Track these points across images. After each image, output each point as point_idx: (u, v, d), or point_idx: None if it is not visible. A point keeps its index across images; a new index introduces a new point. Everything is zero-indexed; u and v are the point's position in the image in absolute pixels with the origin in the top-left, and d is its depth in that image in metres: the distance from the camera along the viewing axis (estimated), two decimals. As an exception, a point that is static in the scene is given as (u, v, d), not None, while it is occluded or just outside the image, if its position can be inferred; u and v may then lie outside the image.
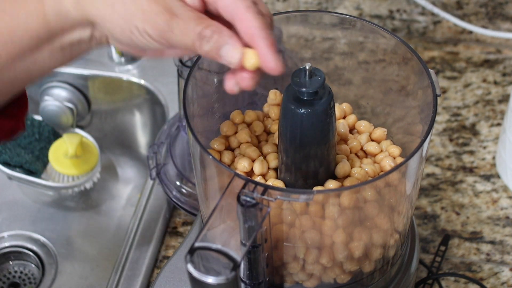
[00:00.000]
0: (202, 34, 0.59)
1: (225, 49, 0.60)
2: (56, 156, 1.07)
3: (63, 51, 0.64)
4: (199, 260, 0.61)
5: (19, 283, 1.05)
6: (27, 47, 0.62)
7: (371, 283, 0.76)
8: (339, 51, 0.81)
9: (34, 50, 0.63)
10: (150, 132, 1.17)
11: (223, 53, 0.60)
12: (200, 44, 0.59)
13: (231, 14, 0.60)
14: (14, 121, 0.69)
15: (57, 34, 0.62)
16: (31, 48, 0.62)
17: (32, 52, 0.63)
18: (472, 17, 1.20)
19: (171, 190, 0.97)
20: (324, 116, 0.68)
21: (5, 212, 1.10)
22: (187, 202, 0.96)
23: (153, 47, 0.61)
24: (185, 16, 0.59)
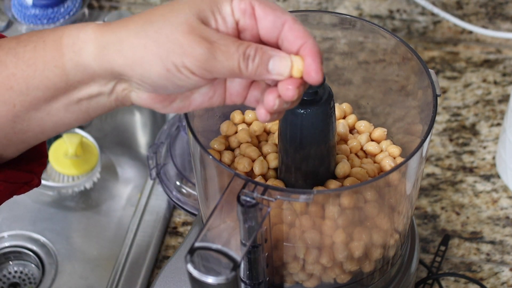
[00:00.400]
0: (247, 54, 0.57)
1: (273, 62, 0.58)
2: (56, 156, 1.07)
3: (80, 104, 0.61)
4: (199, 260, 0.61)
5: (19, 283, 1.05)
6: (42, 98, 0.60)
7: (371, 283, 0.76)
8: (339, 51, 0.81)
9: (50, 101, 0.60)
10: (150, 132, 1.17)
11: (272, 66, 0.58)
12: (246, 64, 0.58)
13: (277, 28, 0.59)
14: (29, 175, 0.67)
15: (75, 86, 0.60)
16: (47, 98, 0.60)
17: (47, 103, 0.60)
18: (472, 17, 1.20)
19: (171, 190, 0.97)
20: (324, 116, 0.68)
21: (5, 212, 1.10)
22: (187, 202, 0.96)
23: (189, 85, 0.58)
24: (223, 41, 0.57)
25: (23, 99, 0.60)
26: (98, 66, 0.58)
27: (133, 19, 0.59)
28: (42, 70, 0.59)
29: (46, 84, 0.59)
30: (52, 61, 0.59)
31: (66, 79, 0.59)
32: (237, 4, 0.59)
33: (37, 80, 0.59)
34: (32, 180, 0.68)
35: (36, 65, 0.59)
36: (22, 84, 0.59)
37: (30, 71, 0.59)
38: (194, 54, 0.56)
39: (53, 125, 0.62)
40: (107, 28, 0.59)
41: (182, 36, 0.56)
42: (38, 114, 0.61)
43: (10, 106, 0.60)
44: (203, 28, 0.57)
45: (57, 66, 0.59)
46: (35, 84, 0.59)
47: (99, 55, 0.58)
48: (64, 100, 0.61)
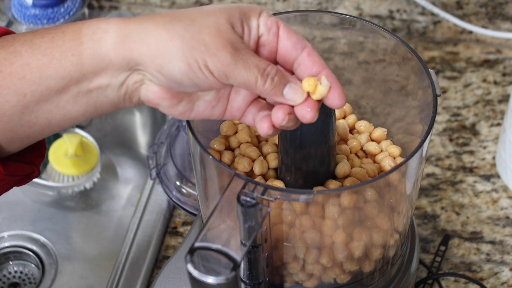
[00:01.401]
0: (267, 71, 0.59)
1: (289, 87, 0.60)
2: (56, 156, 1.07)
3: (89, 97, 0.61)
4: (199, 260, 0.61)
5: (19, 283, 1.05)
6: (54, 88, 0.60)
7: (371, 283, 0.76)
8: (339, 51, 0.81)
9: (61, 91, 0.60)
10: (150, 132, 1.17)
11: (287, 91, 0.60)
12: (263, 81, 0.59)
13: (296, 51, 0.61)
14: (30, 166, 0.67)
15: (88, 77, 0.60)
16: (59, 89, 0.60)
17: (58, 93, 0.60)
18: (472, 17, 1.20)
19: (171, 190, 0.97)
20: (324, 116, 0.68)
21: (5, 212, 1.10)
22: (187, 202, 0.96)
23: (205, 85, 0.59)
24: (248, 52, 0.59)
25: (34, 89, 0.60)
26: (116, 54, 0.59)
27: (161, 14, 0.59)
28: (59, 59, 0.59)
29: (61, 74, 0.59)
30: (70, 50, 0.59)
31: (80, 69, 0.59)
32: (264, 19, 0.61)
33: (52, 69, 0.59)
34: (33, 172, 0.68)
35: (53, 54, 0.59)
36: (35, 73, 0.59)
37: (46, 60, 0.59)
38: (217, 55, 0.57)
39: (61, 119, 0.62)
40: (132, 20, 0.59)
41: (209, 37, 0.57)
42: (47, 106, 0.61)
43: (21, 96, 0.60)
44: (232, 33, 0.58)
45: (74, 54, 0.59)
46: (49, 73, 0.59)
47: (120, 43, 0.58)
48: (74, 91, 0.60)
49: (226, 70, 0.58)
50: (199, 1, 1.25)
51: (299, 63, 0.61)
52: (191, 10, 0.59)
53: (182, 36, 0.57)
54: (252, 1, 1.24)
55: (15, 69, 0.59)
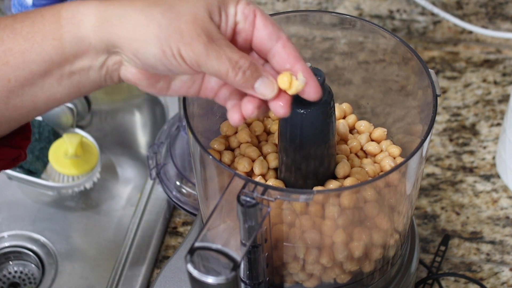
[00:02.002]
0: (239, 64, 0.59)
1: (260, 81, 0.60)
2: (56, 156, 1.07)
3: (72, 78, 0.62)
4: (199, 260, 0.61)
5: (19, 283, 1.05)
6: (37, 72, 0.61)
7: (371, 283, 0.76)
8: (339, 51, 0.81)
9: (44, 75, 0.61)
10: (150, 132, 1.17)
11: (258, 85, 0.60)
12: (235, 73, 0.59)
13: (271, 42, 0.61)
14: (17, 150, 0.68)
15: (69, 60, 0.61)
16: (42, 73, 0.61)
17: (41, 77, 0.61)
18: (472, 17, 1.20)
19: (171, 190, 0.97)
20: (324, 116, 0.68)
21: (5, 212, 1.10)
22: (187, 202, 0.96)
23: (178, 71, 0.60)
24: (223, 43, 0.59)
25: (18, 73, 0.60)
26: (96, 37, 0.60)
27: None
28: (40, 43, 0.60)
29: (43, 57, 0.60)
30: (50, 34, 0.60)
31: (62, 52, 0.60)
32: (241, 7, 0.61)
33: (34, 54, 0.60)
34: (19, 156, 0.69)
35: (34, 39, 0.60)
36: (18, 58, 0.60)
37: (27, 45, 0.60)
38: (191, 44, 0.58)
39: (46, 101, 0.63)
40: (111, 3, 0.60)
41: (185, 25, 0.58)
42: (32, 89, 0.62)
43: (5, 81, 0.61)
44: (208, 22, 0.59)
45: (55, 38, 0.60)
46: (31, 58, 0.60)
47: (100, 26, 0.59)
48: (58, 74, 0.61)
49: (198, 59, 0.59)
50: (199, 1, 1.25)
51: (274, 54, 0.61)
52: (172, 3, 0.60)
53: (159, 22, 0.58)
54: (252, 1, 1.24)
55: None
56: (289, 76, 0.61)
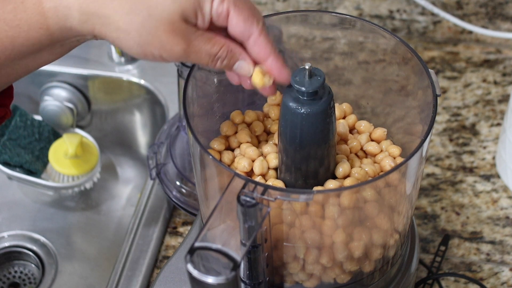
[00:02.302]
0: (218, 55, 0.65)
1: (237, 64, 0.67)
2: (56, 156, 1.07)
3: (63, 48, 0.66)
4: (199, 260, 0.61)
5: (19, 283, 1.05)
6: (27, 51, 0.64)
7: (371, 283, 0.76)
8: (339, 51, 0.81)
9: (35, 52, 0.65)
10: (150, 132, 1.17)
11: (235, 68, 0.67)
12: (214, 63, 0.66)
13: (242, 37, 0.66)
14: (3, 109, 0.70)
15: (58, 41, 0.65)
16: (32, 51, 0.64)
17: (32, 54, 0.65)
18: (472, 17, 1.20)
19: (171, 190, 0.97)
20: (324, 116, 0.68)
21: (5, 212, 1.10)
22: (187, 202, 0.96)
23: None
24: (200, 41, 0.64)
25: (8, 53, 0.64)
26: (82, 28, 0.64)
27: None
28: (27, 31, 0.63)
29: (32, 42, 0.64)
30: (36, 24, 0.63)
31: (50, 38, 0.64)
32: (216, 5, 0.64)
33: (21, 39, 0.64)
34: (5, 114, 0.71)
35: (20, 27, 0.63)
36: (7, 42, 0.63)
37: (14, 32, 0.63)
38: (172, 51, 0.63)
39: (38, 66, 0.67)
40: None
41: (163, 34, 0.62)
42: (24, 61, 0.65)
43: None
44: (185, 27, 0.63)
45: (42, 28, 0.63)
46: (20, 42, 0.64)
47: (85, 22, 0.63)
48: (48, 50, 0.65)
49: (179, 59, 0.65)
50: (199, 1, 1.25)
51: (247, 48, 0.67)
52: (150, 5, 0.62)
53: (139, 32, 0.62)
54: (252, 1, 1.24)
55: None
56: (259, 74, 0.67)
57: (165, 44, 0.63)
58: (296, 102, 0.67)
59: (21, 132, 1.08)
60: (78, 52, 1.16)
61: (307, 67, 0.66)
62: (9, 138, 1.07)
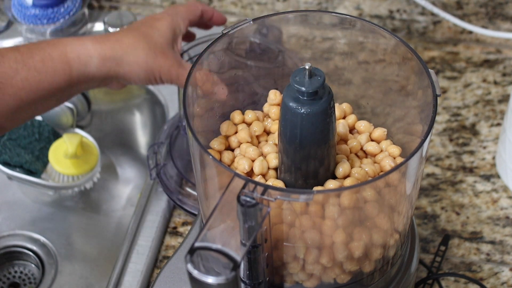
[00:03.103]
0: None
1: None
2: (56, 156, 1.07)
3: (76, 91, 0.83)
4: (199, 260, 0.61)
5: (19, 283, 1.05)
6: (47, 94, 0.79)
7: (371, 283, 0.76)
8: (339, 51, 0.81)
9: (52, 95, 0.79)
10: (150, 132, 1.17)
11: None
12: None
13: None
14: None
15: (76, 85, 0.80)
16: (50, 94, 0.79)
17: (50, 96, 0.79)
18: (472, 17, 1.20)
19: (172, 190, 0.97)
20: (324, 116, 0.68)
21: (5, 212, 1.10)
22: (187, 202, 0.96)
23: None
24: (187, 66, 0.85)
25: (31, 96, 0.77)
26: (99, 72, 0.81)
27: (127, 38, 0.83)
28: (52, 76, 0.78)
29: (54, 86, 0.78)
30: (61, 70, 0.79)
31: (70, 83, 0.79)
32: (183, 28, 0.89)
33: (46, 83, 0.78)
34: None
35: (47, 73, 0.78)
36: (33, 85, 0.77)
37: (41, 76, 0.77)
38: (169, 72, 0.84)
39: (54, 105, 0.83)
40: (107, 45, 0.81)
41: (162, 60, 0.84)
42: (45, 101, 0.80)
43: (17, 101, 0.77)
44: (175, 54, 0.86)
45: (65, 74, 0.79)
46: (44, 86, 0.78)
47: (102, 65, 0.81)
48: (66, 92, 0.81)
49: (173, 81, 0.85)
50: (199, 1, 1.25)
51: None
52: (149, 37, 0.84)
53: (146, 63, 0.83)
54: (252, 1, 1.24)
55: (16, 82, 0.76)
56: None
57: (164, 68, 0.83)
58: (296, 102, 0.67)
59: (21, 132, 1.08)
60: (78, 52, 1.17)
61: (307, 67, 0.66)
62: (9, 138, 1.07)
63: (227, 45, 0.77)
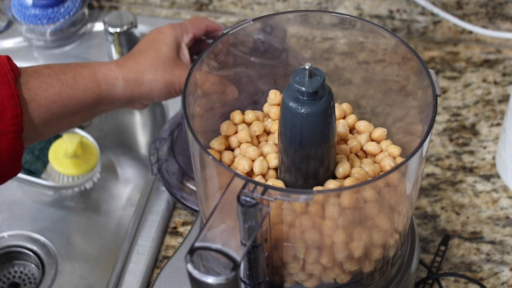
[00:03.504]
0: None
1: None
2: (56, 156, 1.07)
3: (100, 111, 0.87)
4: (199, 260, 0.61)
5: (19, 283, 1.05)
6: (75, 111, 0.83)
7: (371, 283, 0.76)
8: (339, 51, 0.81)
9: (78, 113, 0.84)
10: (150, 132, 1.17)
11: None
12: None
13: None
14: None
15: (102, 103, 0.85)
16: (80, 110, 0.84)
17: (75, 114, 0.84)
18: (472, 17, 1.20)
19: (172, 186, 0.97)
20: (324, 116, 0.68)
21: (5, 212, 1.10)
22: (188, 198, 0.96)
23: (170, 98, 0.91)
24: None
25: (62, 110, 0.82)
26: (123, 94, 0.86)
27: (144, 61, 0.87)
28: (83, 94, 0.83)
29: (82, 103, 0.83)
30: (91, 89, 0.84)
31: (97, 101, 0.85)
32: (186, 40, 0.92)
33: (76, 100, 0.83)
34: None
35: (78, 89, 0.83)
36: (65, 99, 0.82)
37: (73, 92, 0.82)
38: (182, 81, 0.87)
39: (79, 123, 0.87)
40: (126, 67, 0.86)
41: (179, 72, 0.88)
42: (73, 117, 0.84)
43: (49, 114, 0.81)
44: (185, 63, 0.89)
45: (94, 93, 0.84)
46: (74, 102, 0.83)
47: (126, 87, 0.86)
48: (91, 110, 0.86)
49: None
50: (199, 1, 1.25)
51: None
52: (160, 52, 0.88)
53: (164, 78, 0.88)
54: (252, 1, 1.24)
55: (49, 95, 0.80)
56: None
57: (181, 78, 0.87)
58: (296, 102, 0.67)
59: (21, 132, 1.08)
60: (78, 52, 1.17)
61: (307, 67, 0.66)
62: (9, 138, 1.07)
63: (231, 42, 0.77)
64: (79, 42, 1.18)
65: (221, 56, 0.77)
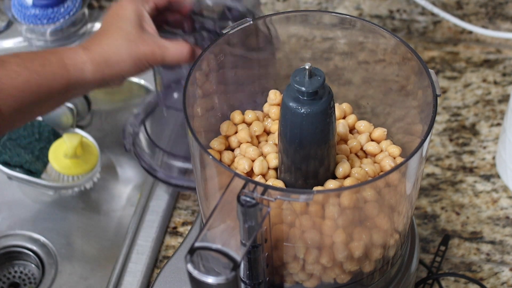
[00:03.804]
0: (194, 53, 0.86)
1: None
2: (56, 156, 1.07)
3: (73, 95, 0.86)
4: (199, 260, 0.61)
5: (19, 283, 1.05)
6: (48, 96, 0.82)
7: (371, 283, 0.76)
8: (339, 51, 0.81)
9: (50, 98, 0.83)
10: (150, 132, 1.17)
11: None
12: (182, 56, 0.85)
13: None
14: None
15: (72, 89, 0.84)
16: (51, 97, 0.83)
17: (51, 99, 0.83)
18: (472, 17, 1.20)
19: (144, 159, 0.96)
20: (324, 116, 0.68)
21: (5, 212, 1.10)
22: (159, 170, 0.96)
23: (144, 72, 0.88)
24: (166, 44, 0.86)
25: (31, 98, 0.81)
26: (93, 78, 0.84)
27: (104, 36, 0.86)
28: (51, 80, 0.82)
29: (52, 89, 0.82)
30: (59, 75, 0.82)
31: (67, 87, 0.83)
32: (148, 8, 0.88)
33: (46, 87, 0.81)
34: None
35: (47, 76, 0.82)
36: (34, 87, 0.81)
37: (41, 80, 0.81)
38: (154, 58, 0.85)
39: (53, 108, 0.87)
40: (92, 50, 0.85)
41: (144, 47, 0.85)
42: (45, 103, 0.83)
43: (18, 103, 0.80)
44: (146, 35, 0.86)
45: (63, 78, 0.82)
46: (44, 89, 0.81)
47: (97, 71, 0.84)
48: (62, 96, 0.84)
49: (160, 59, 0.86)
50: (199, 1, 1.25)
51: None
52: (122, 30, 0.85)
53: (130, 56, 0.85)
54: (252, 1, 1.24)
55: (17, 84, 0.80)
56: None
57: (147, 54, 0.85)
58: (296, 102, 0.67)
59: (21, 132, 1.08)
60: (78, 52, 1.16)
61: (307, 67, 0.66)
62: (9, 138, 1.07)
63: None
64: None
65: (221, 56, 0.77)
